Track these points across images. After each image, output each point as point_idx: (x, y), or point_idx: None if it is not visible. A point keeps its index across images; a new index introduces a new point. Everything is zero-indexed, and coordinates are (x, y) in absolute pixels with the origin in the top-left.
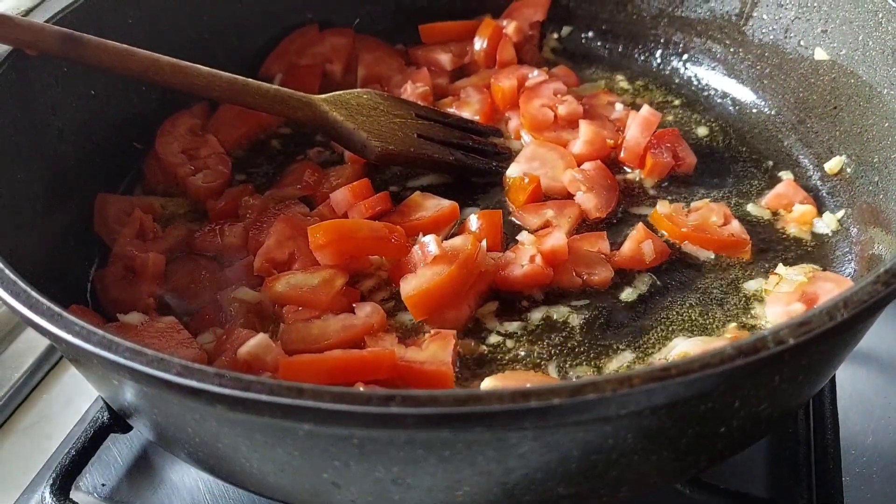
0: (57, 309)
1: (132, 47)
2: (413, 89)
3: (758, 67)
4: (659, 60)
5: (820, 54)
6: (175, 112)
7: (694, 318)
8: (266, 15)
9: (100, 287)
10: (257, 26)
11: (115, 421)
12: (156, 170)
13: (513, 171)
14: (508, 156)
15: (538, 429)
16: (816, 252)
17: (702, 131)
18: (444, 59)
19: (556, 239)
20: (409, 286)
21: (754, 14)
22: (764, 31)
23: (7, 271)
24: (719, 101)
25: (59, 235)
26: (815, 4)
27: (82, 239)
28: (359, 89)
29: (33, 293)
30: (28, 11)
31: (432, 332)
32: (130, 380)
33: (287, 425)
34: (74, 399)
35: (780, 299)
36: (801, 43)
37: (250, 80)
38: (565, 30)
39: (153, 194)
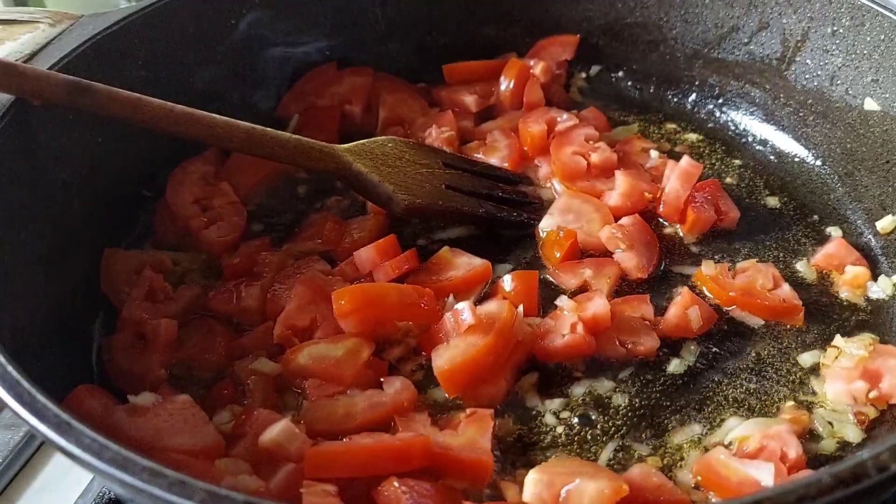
0: (65, 417)
1: (144, 96)
2: (438, 133)
3: (800, 114)
4: (693, 103)
5: (870, 104)
6: (187, 157)
7: (747, 393)
8: (283, 54)
9: (107, 356)
10: (273, 66)
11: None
12: (166, 221)
13: (546, 224)
14: (540, 206)
15: None
16: (873, 320)
17: (739, 181)
18: (469, 100)
19: (598, 305)
20: (442, 359)
21: (797, 59)
22: (807, 76)
23: (9, 367)
24: (758, 147)
25: (63, 297)
26: (866, 52)
27: (88, 300)
28: (383, 137)
29: (39, 396)
30: (31, 56)
31: (468, 411)
32: (149, 500)
33: None
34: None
35: (841, 376)
36: (849, 91)
37: (269, 129)
38: (594, 69)
39: (163, 247)
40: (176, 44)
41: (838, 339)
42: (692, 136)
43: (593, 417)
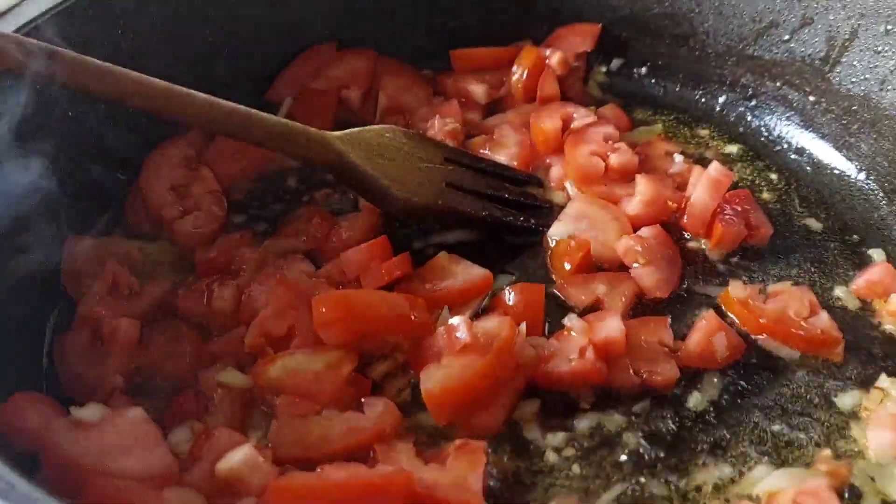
0: None
1: (116, 66)
2: (441, 125)
3: (843, 122)
4: (723, 105)
5: None
6: (168, 138)
7: (778, 436)
8: (279, 30)
9: (59, 357)
10: (268, 42)
11: None
12: (139, 208)
13: (557, 231)
14: (550, 210)
15: None
16: None
17: (771, 194)
18: (478, 90)
19: (612, 327)
20: (432, 381)
21: (843, 60)
22: (854, 80)
23: None
24: (794, 157)
25: (16, 287)
26: None
27: (45, 291)
28: (380, 126)
29: None
30: (1, 14)
31: (458, 442)
32: None
33: None
34: None
35: (886, 423)
36: None
37: (255, 111)
38: (615, 63)
39: (136, 236)
40: (163, 12)
41: (883, 380)
42: (721, 141)
43: (601, 457)
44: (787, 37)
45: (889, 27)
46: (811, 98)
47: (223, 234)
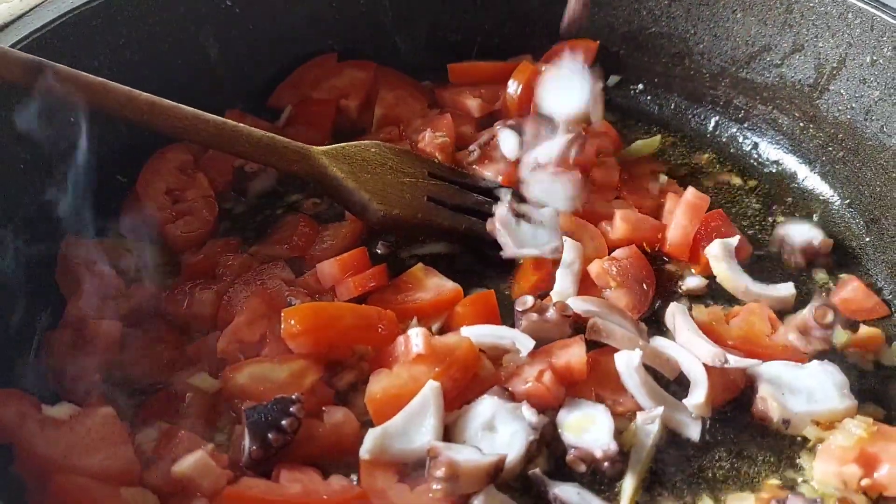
0: None
1: (108, 81)
2: (431, 138)
3: (829, 149)
4: (715, 124)
5: None
6: (168, 143)
7: (730, 462)
8: (282, 39)
9: (47, 353)
10: (271, 52)
11: None
12: (134, 211)
13: (527, 250)
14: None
15: None
16: (881, 389)
17: (756, 214)
18: (472, 103)
19: (574, 354)
20: (378, 386)
21: (831, 87)
22: (840, 108)
23: None
24: (780, 179)
25: (10, 284)
26: None
27: (40, 290)
28: (366, 142)
29: None
30: (2, 28)
31: None
32: None
33: None
34: None
35: (834, 456)
36: (885, 129)
37: (240, 125)
38: (612, 79)
39: (130, 236)
40: (164, 23)
41: None
42: (711, 161)
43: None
44: (778, 61)
45: (874, 58)
46: (800, 123)
47: (211, 240)
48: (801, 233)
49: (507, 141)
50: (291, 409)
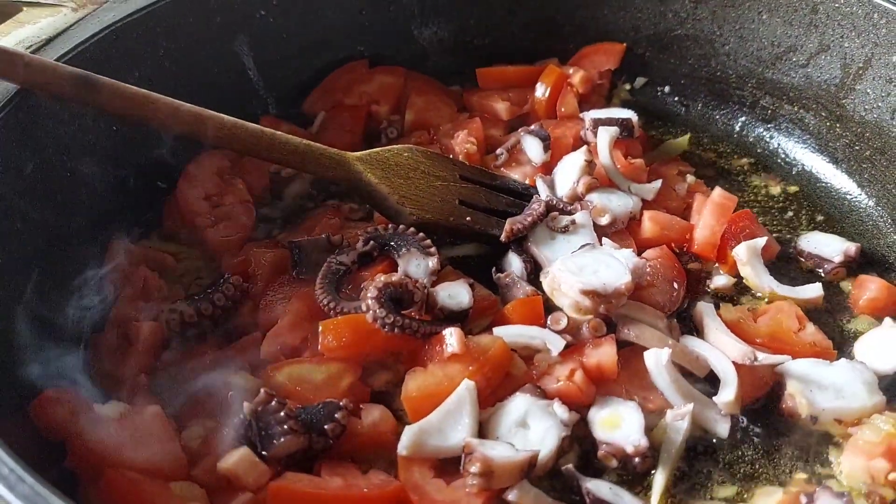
0: None
1: (151, 93)
2: (461, 142)
3: (856, 148)
4: (742, 125)
5: None
6: (205, 149)
7: (759, 458)
8: (314, 47)
9: (94, 355)
10: (304, 59)
11: None
12: (175, 216)
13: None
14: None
15: None
16: None
17: (782, 214)
18: (501, 107)
19: (605, 353)
20: (413, 384)
21: (857, 87)
22: (867, 107)
23: None
24: (807, 179)
25: (58, 290)
26: None
27: (87, 292)
28: (399, 146)
29: None
30: (47, 41)
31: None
32: None
33: None
34: None
35: (862, 451)
36: None
37: (278, 133)
38: (639, 81)
39: (172, 240)
40: (201, 34)
41: None
42: (738, 161)
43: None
44: (804, 62)
45: None
46: (826, 123)
47: (249, 242)
48: (832, 245)
49: (531, 147)
50: (336, 416)
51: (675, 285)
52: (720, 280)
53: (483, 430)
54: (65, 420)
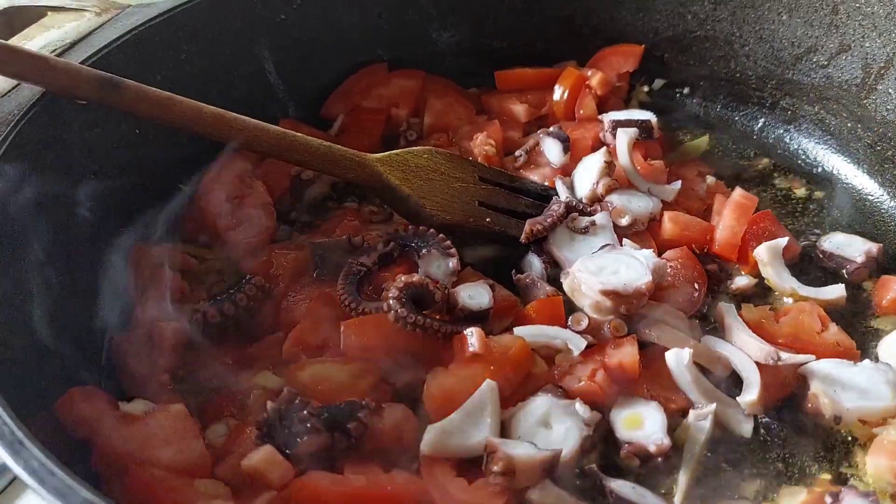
0: (20, 435)
1: (175, 95)
2: (481, 145)
3: (878, 149)
4: (762, 126)
5: None
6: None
7: (783, 458)
8: (334, 50)
9: (117, 355)
10: (323, 62)
11: None
12: (197, 218)
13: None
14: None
15: None
16: None
17: (803, 215)
18: (519, 110)
19: (627, 353)
20: (434, 384)
21: (878, 87)
22: (889, 107)
23: None
24: (828, 179)
25: (80, 291)
26: None
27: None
28: (419, 148)
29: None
30: (71, 45)
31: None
32: None
33: None
34: None
35: (887, 451)
36: None
37: (298, 135)
38: (657, 83)
39: (194, 242)
40: (222, 37)
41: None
42: (759, 162)
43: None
44: (825, 62)
45: None
46: (848, 123)
47: (270, 244)
48: (854, 245)
49: (550, 149)
50: (359, 414)
51: (696, 286)
52: (741, 281)
53: (504, 429)
54: (90, 418)
